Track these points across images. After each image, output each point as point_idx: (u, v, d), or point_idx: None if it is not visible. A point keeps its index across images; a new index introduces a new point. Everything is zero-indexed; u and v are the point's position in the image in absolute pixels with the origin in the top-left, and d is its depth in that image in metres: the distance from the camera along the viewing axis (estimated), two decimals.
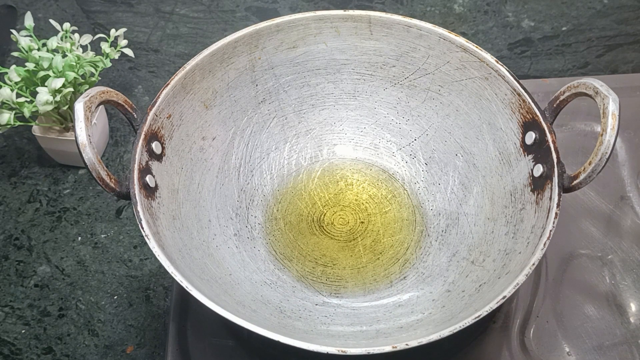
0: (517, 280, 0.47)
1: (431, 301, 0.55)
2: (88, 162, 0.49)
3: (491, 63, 0.59)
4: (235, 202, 0.62)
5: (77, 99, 0.73)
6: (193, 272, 0.51)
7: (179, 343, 0.58)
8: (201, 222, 0.58)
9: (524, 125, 0.57)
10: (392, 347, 0.44)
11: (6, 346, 0.64)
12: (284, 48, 0.64)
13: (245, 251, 0.59)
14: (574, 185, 0.52)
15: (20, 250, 0.70)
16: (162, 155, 0.56)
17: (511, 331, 0.58)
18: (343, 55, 0.65)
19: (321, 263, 0.60)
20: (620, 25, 0.87)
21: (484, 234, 0.57)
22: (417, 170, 0.65)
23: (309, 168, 0.66)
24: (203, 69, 0.60)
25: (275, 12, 0.90)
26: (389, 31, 0.63)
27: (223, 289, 0.52)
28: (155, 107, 0.56)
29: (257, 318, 0.50)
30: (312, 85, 0.66)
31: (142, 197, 0.51)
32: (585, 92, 0.52)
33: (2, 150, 0.79)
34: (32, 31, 0.72)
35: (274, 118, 0.66)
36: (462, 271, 0.56)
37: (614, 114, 0.49)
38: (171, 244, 0.52)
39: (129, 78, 0.84)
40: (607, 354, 0.57)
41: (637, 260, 0.62)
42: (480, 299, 0.50)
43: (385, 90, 0.65)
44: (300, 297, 0.57)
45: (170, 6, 0.90)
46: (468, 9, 0.88)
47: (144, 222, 0.49)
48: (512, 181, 0.57)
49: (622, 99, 0.51)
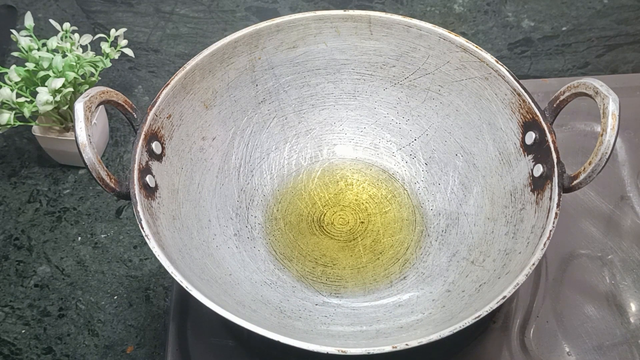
0: (517, 280, 0.47)
1: (431, 301, 0.55)
2: (88, 162, 0.49)
3: (491, 63, 0.59)
4: (235, 202, 0.62)
5: (77, 99, 0.73)
6: (193, 272, 0.51)
7: (179, 343, 0.58)
8: (201, 222, 0.58)
9: (524, 125, 0.57)
10: (392, 347, 0.44)
11: (6, 346, 0.64)
12: (284, 48, 0.64)
13: (245, 251, 0.59)
14: (574, 185, 0.52)
15: (20, 250, 0.70)
16: (162, 155, 0.56)
17: (511, 331, 0.58)
18: (343, 55, 0.65)
19: (321, 263, 0.59)
20: (620, 25, 0.87)
21: (484, 234, 0.57)
22: (417, 170, 0.65)
23: (309, 168, 0.66)
24: (203, 69, 0.60)
25: (275, 12, 0.90)
26: (389, 31, 0.63)
27: (223, 289, 0.52)
28: (155, 107, 0.56)
29: (257, 318, 0.50)
30: (312, 85, 0.66)
31: (142, 197, 0.51)
32: (585, 92, 0.52)
33: (2, 150, 0.79)
34: (32, 31, 0.72)
35: (274, 118, 0.66)
36: (462, 271, 0.56)
37: (614, 114, 0.49)
38: (171, 244, 0.52)
39: (129, 78, 0.84)
40: (607, 354, 0.57)
41: (637, 260, 0.62)
42: (481, 299, 0.50)
43: (385, 90, 0.65)
44: (300, 297, 0.57)
45: (170, 6, 0.90)
46: (468, 9, 0.88)
47: (144, 222, 0.49)
48: (512, 181, 0.57)
49: (622, 99, 0.51)
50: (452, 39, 0.61)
